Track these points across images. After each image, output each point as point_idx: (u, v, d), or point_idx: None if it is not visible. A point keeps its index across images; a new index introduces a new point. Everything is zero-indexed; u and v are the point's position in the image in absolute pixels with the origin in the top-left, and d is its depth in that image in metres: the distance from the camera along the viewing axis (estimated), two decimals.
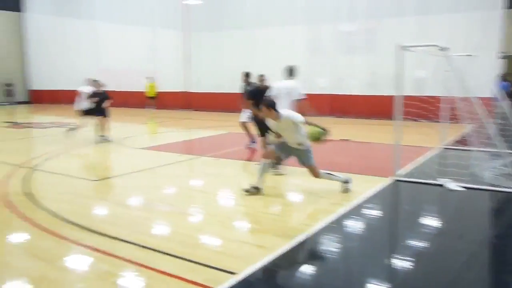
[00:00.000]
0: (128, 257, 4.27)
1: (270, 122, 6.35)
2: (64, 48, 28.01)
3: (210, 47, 22.38)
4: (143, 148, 11.02)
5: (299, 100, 7.84)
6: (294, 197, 6.76)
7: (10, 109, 24.67)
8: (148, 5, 23.89)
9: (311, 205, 6.27)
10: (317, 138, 6.26)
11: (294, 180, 7.49)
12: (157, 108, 23.01)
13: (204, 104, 22.37)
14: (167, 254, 4.33)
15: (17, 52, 30.63)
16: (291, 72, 8.11)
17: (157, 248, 4.46)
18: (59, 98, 28.70)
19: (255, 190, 6.39)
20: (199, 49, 22.64)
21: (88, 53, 26.74)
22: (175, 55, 23.28)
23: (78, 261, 4.29)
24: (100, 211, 6.07)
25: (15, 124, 17.27)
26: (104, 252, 4.40)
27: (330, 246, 4.64)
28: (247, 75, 10.45)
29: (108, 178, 7.86)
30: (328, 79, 18.50)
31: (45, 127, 16.19)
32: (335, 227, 5.15)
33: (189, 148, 11.81)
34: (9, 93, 29.48)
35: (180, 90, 23.24)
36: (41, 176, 8.03)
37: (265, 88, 8.54)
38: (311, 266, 4.24)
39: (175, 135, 14.32)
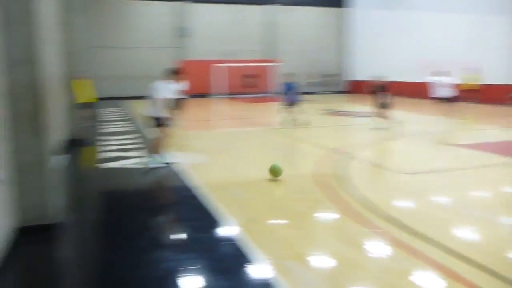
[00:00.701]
0: (430, 257, 4.02)
1: None
2: (385, 40, 28.86)
3: None
4: (456, 145, 10.26)
5: None
6: None
7: (329, 98, 27.04)
8: None
9: None
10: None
11: None
12: (479, 102, 21.15)
13: None
14: (474, 264, 3.86)
15: (339, 45, 33.39)
16: None
17: (462, 255, 4.03)
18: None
19: None
20: None
21: (407, 44, 26.79)
22: (503, 44, 20.82)
23: (379, 251, 4.28)
24: (407, 205, 5.92)
25: (332, 112, 18.80)
26: (405, 248, 4.26)
27: None
28: None
29: (418, 173, 7.60)
30: None
31: (359, 116, 17.07)
32: None
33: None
34: (329, 83, 32.50)
35: (508, 83, 20.68)
36: (351, 163, 8.44)
37: None
38: None
39: (496, 133, 12.81)
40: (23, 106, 4.63)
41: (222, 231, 4.88)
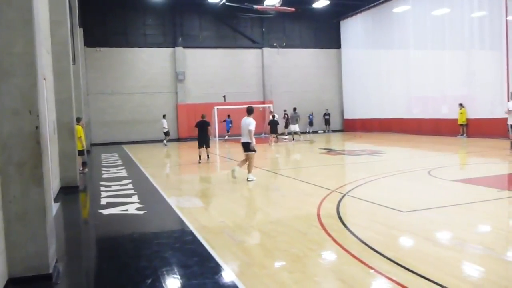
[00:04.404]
0: None
1: None
2: (376, 79, 29.37)
3: None
4: (454, 180, 10.22)
5: None
6: None
7: (327, 137, 27.17)
8: (465, 28, 22.59)
9: None
10: None
11: None
12: (467, 136, 21.39)
13: None
14: None
15: (336, 84, 33.96)
16: None
17: None
18: (371, 127, 30.14)
19: None
20: None
21: (399, 82, 27.26)
22: (493, 78, 21.14)
23: None
24: (408, 245, 5.82)
25: (330, 151, 18.84)
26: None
27: None
28: None
29: (418, 210, 7.50)
30: None
31: (357, 155, 17.08)
32: None
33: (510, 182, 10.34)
34: (326, 122, 32.78)
35: (499, 117, 20.93)
36: (352, 202, 8.35)
37: None
38: None
39: (491, 167, 12.79)
40: (22, 156, 4.60)
41: (219, 278, 4.76)
